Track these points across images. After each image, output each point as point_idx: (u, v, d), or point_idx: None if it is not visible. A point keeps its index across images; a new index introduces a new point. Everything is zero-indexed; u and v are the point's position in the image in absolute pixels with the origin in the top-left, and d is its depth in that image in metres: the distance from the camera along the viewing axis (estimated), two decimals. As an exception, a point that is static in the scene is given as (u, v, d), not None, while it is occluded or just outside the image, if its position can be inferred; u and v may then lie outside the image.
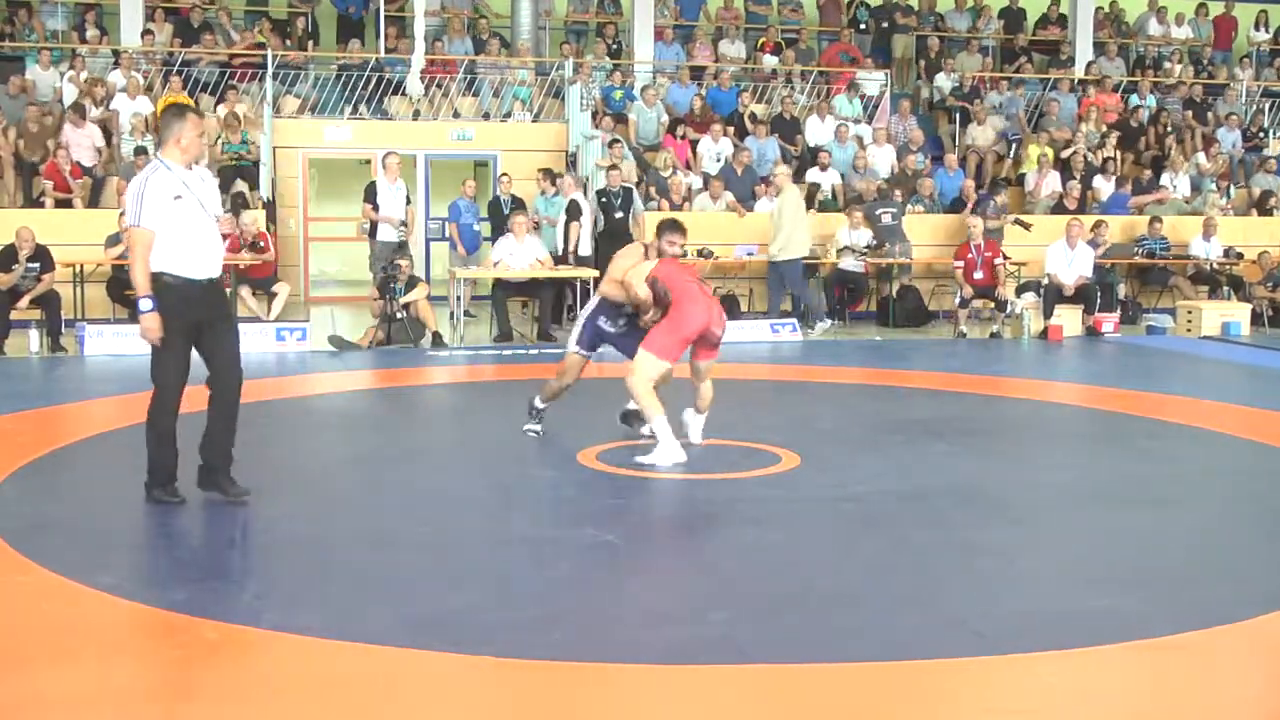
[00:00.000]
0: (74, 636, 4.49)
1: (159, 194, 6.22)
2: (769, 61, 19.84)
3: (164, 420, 6.45)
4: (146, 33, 17.91)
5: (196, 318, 6.36)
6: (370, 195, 14.37)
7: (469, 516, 6.32)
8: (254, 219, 14.36)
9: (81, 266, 14.01)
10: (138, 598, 4.82)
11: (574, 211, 14.70)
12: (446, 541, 5.85)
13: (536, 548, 5.75)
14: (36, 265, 12.77)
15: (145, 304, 6.19)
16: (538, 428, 8.17)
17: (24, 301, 12.67)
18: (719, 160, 17.02)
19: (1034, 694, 4.10)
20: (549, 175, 15.50)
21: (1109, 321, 14.81)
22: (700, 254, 14.98)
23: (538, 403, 8.21)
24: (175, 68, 17.31)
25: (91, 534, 5.89)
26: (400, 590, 5.06)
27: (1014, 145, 18.99)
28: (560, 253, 14.58)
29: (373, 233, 14.38)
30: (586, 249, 14.82)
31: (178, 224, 6.25)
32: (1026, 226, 16.12)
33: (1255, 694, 4.21)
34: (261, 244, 14.30)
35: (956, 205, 17.15)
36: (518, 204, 15.27)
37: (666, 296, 7.53)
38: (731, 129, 17.77)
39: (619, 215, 14.77)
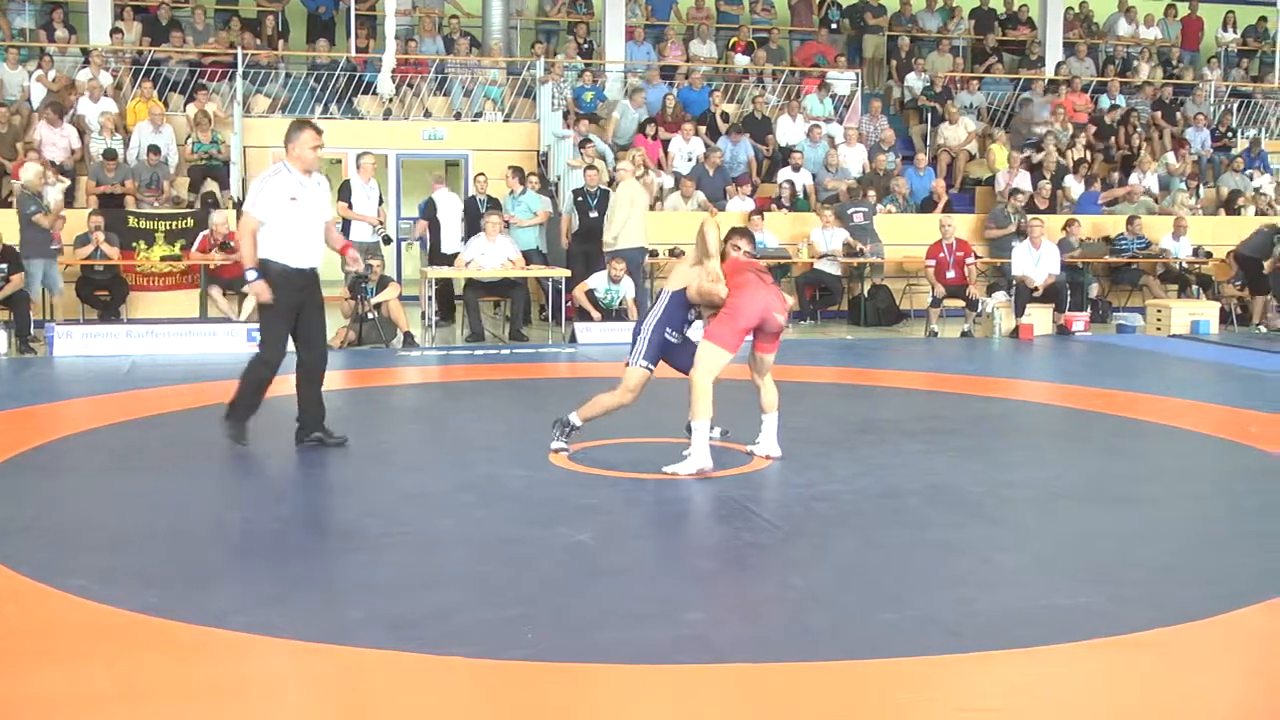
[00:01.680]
0: (43, 639, 4.46)
1: (277, 193, 7.47)
2: (740, 61, 19.87)
3: (262, 372, 7.66)
4: (115, 31, 17.79)
5: (296, 300, 7.56)
6: (345, 194, 14.33)
7: (442, 517, 6.31)
8: (224, 219, 14.29)
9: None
10: (108, 600, 4.79)
11: (432, 211, 14.80)
12: (419, 542, 5.83)
13: (510, 548, 5.74)
14: (4, 266, 12.68)
15: (251, 274, 7.48)
16: (566, 445, 7.59)
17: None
18: (690, 160, 17.03)
19: (1007, 691, 4.11)
20: (517, 174, 15.51)
21: (1079, 320, 14.89)
22: (672, 254, 15.01)
23: (575, 420, 7.58)
24: (144, 67, 17.21)
25: (61, 536, 5.85)
26: (373, 591, 5.04)
27: (1040, 149, 18.98)
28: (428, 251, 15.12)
29: (345, 232, 14.31)
30: (454, 246, 15.06)
31: (289, 221, 7.48)
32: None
33: (1226, 689, 4.24)
34: (231, 244, 14.23)
35: (927, 205, 17.22)
36: (493, 204, 15.26)
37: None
38: (703, 128, 17.78)
39: (594, 215, 14.76)
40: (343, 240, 8.24)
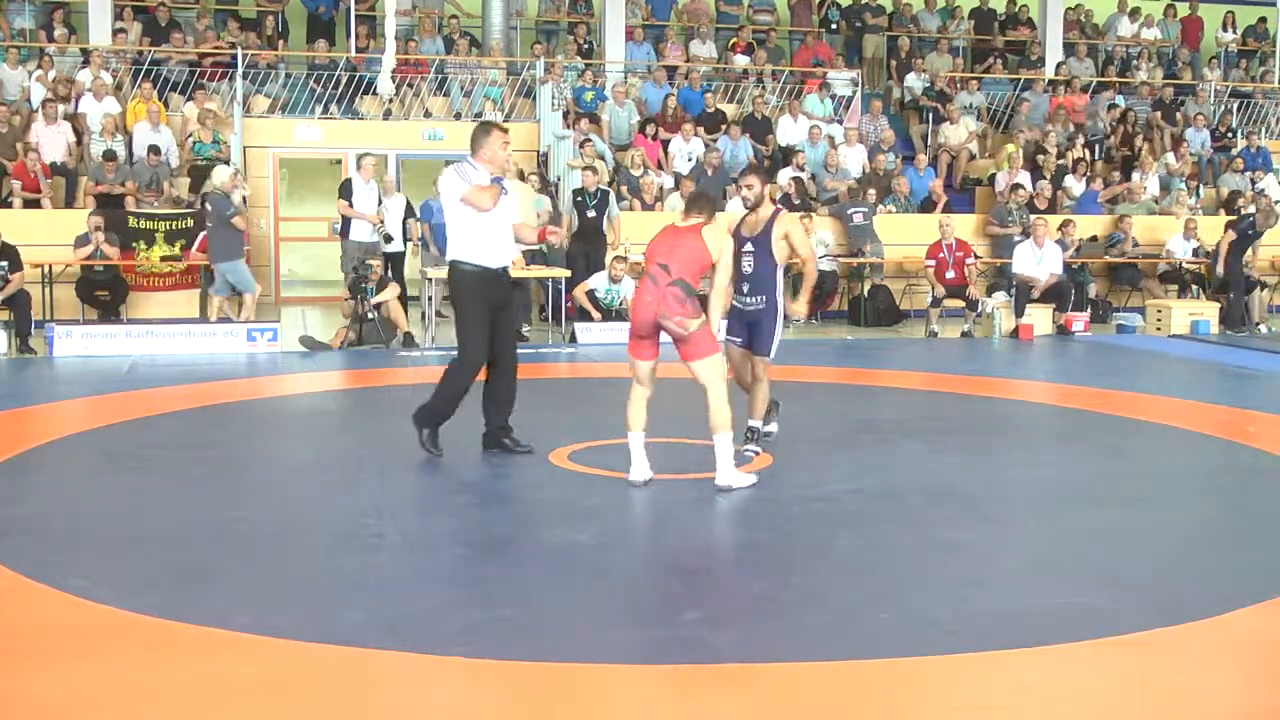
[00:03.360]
0: (43, 639, 4.47)
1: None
2: (740, 61, 19.87)
3: (464, 379, 7.42)
4: (120, 31, 17.80)
5: (493, 302, 7.39)
6: (346, 192, 14.37)
7: (440, 517, 6.31)
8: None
9: (50, 267, 13.91)
10: (108, 600, 4.79)
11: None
12: (418, 542, 5.83)
13: (508, 548, 5.75)
14: (5, 264, 12.67)
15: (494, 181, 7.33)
16: (756, 448, 7.59)
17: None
18: (690, 160, 17.03)
19: (1005, 691, 4.12)
20: (521, 175, 15.51)
21: (1079, 320, 14.89)
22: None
23: (751, 423, 7.61)
24: (144, 66, 17.21)
25: (61, 536, 5.85)
26: (371, 591, 5.04)
27: (1092, 148, 19.00)
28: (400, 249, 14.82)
29: (345, 232, 14.36)
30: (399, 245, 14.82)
31: (483, 221, 7.27)
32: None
33: (1226, 689, 4.24)
34: None
35: (927, 205, 17.22)
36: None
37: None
38: (702, 128, 17.78)
39: (591, 215, 14.77)
40: (536, 231, 8.01)
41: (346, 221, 14.31)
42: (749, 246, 7.55)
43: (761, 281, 7.58)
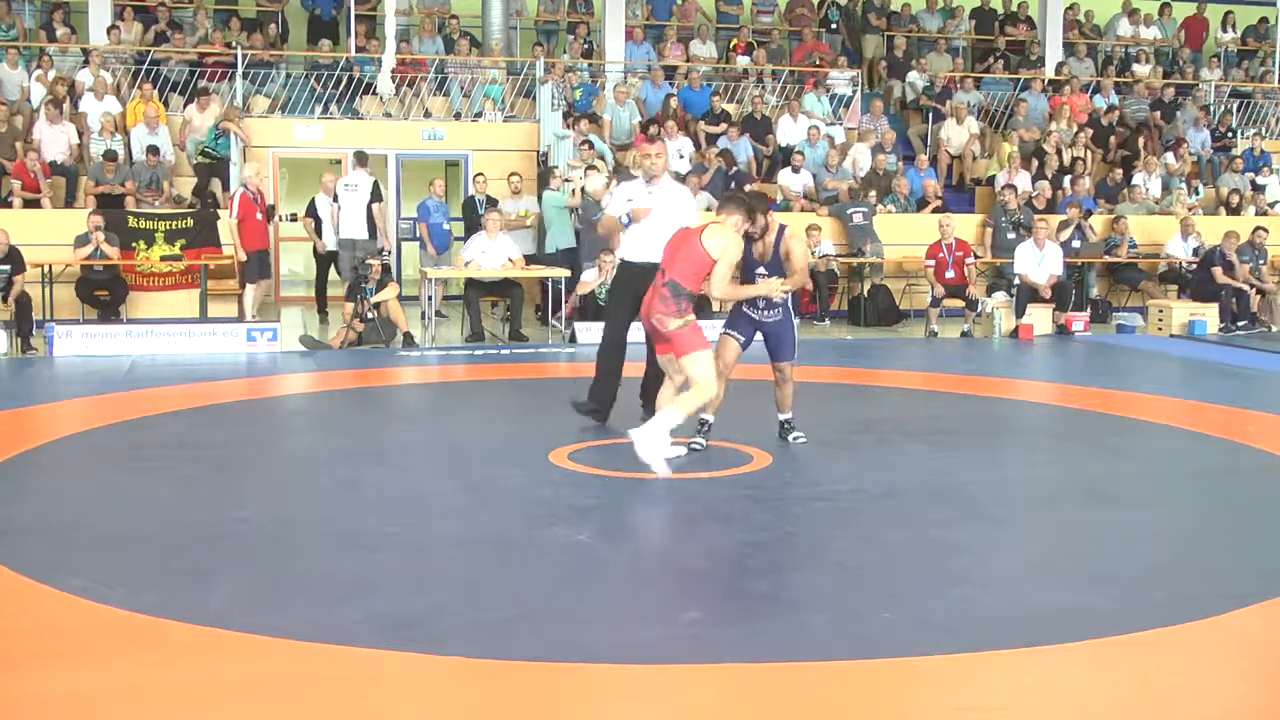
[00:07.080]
0: (43, 639, 4.46)
1: (619, 194, 8.45)
2: (741, 62, 19.87)
3: (604, 362, 8.33)
4: (152, 43, 17.84)
5: (637, 293, 7.74)
6: (310, 211, 14.54)
7: (440, 517, 6.31)
8: (254, 170, 14.41)
9: (50, 267, 13.91)
10: (107, 600, 4.79)
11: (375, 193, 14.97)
12: (417, 542, 5.83)
13: (508, 548, 5.74)
14: (8, 267, 12.68)
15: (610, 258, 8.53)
16: (703, 441, 7.81)
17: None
18: (682, 157, 17.01)
19: (1005, 691, 4.11)
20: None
21: (1079, 320, 14.89)
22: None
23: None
24: (145, 66, 17.20)
25: (61, 536, 5.84)
26: (370, 591, 5.03)
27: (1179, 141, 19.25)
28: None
29: (373, 234, 14.55)
30: (362, 232, 14.89)
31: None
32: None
33: (1225, 689, 4.24)
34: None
35: (926, 204, 17.22)
36: (491, 203, 15.29)
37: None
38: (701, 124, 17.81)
39: (595, 215, 14.77)
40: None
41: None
42: (761, 270, 7.81)
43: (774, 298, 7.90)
